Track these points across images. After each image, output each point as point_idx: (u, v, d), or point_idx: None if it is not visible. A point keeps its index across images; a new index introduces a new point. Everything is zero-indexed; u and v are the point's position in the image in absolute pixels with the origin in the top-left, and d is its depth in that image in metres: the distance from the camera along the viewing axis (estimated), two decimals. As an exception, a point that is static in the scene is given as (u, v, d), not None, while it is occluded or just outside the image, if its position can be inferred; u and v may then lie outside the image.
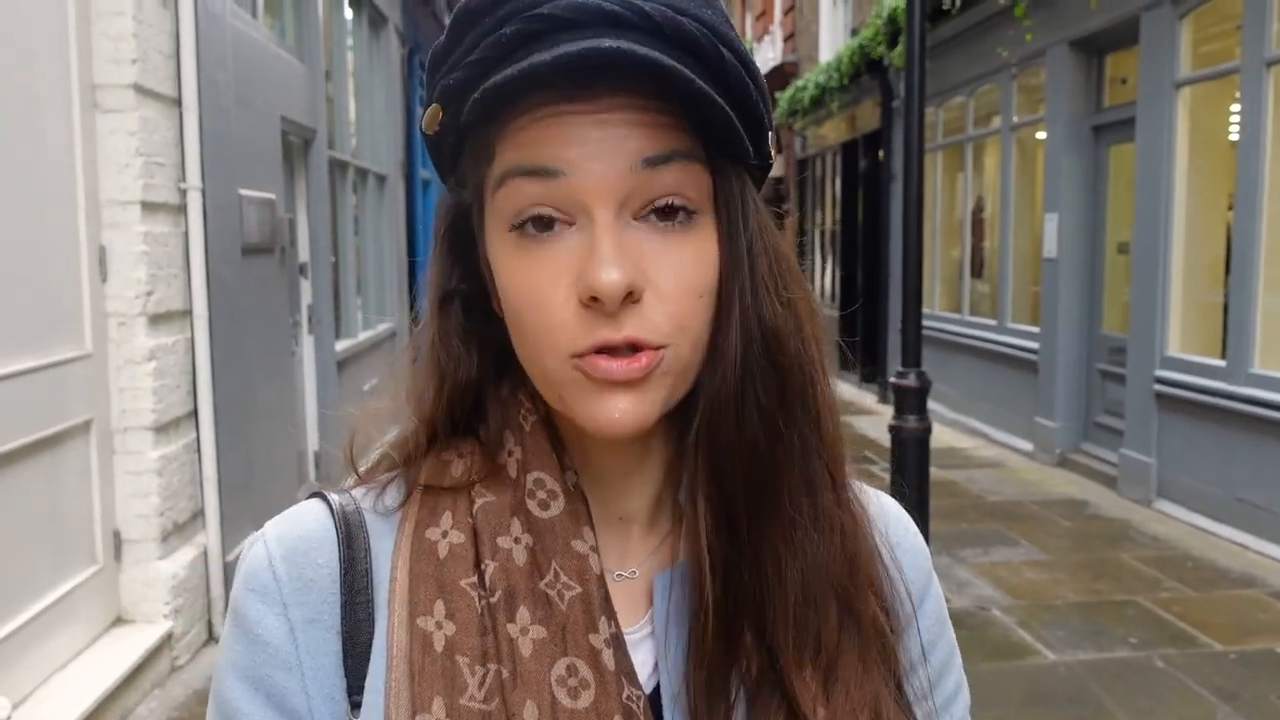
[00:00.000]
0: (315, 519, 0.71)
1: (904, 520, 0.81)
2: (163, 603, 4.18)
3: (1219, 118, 6.72)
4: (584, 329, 0.62)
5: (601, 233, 0.61)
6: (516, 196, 0.63)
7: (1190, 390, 6.41)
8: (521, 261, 0.63)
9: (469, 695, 0.63)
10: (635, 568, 0.72)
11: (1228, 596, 5.10)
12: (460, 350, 0.72)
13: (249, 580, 0.69)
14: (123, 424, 4.12)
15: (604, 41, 0.58)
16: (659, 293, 0.62)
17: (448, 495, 0.70)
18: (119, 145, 4.04)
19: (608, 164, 0.61)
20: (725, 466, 0.66)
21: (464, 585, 0.66)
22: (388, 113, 9.21)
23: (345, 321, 7.82)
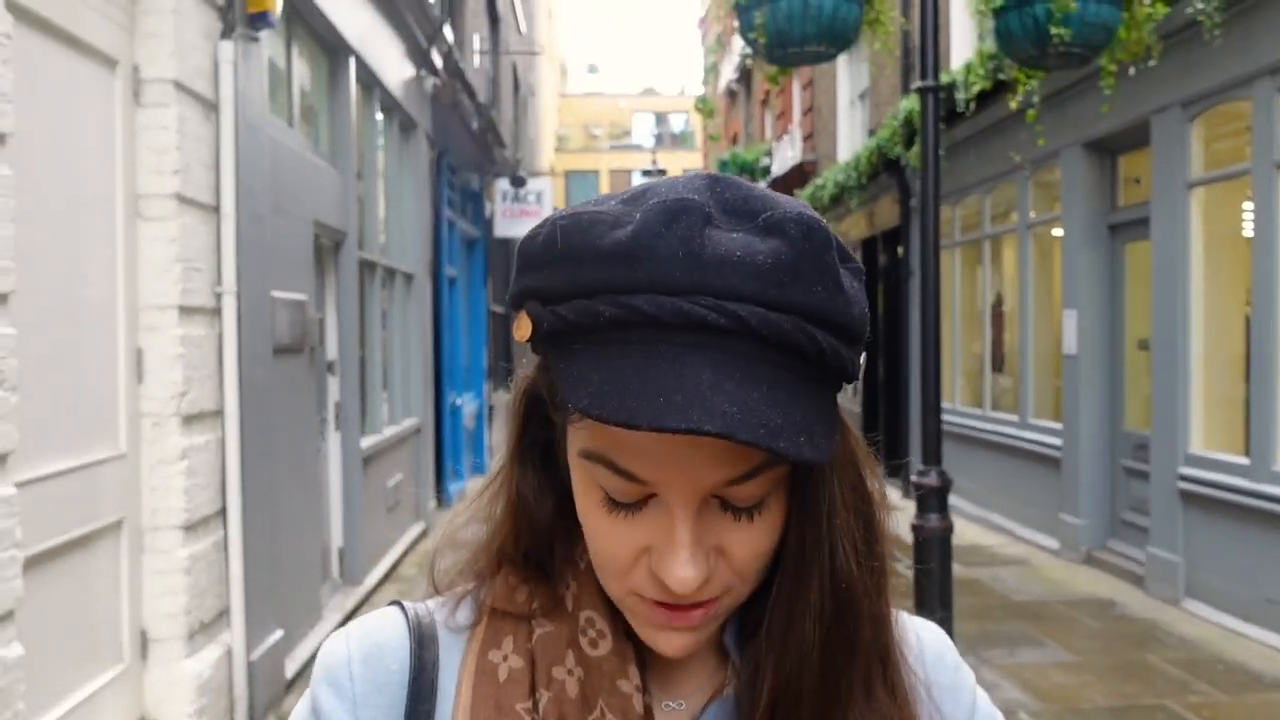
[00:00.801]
0: (393, 627, 0.77)
1: (943, 654, 0.83)
2: (187, 702, 4.19)
3: (1232, 215, 6.80)
4: (649, 585, 0.67)
5: (679, 530, 0.64)
6: (600, 476, 0.66)
7: (1215, 488, 6.38)
8: (604, 522, 0.68)
9: None
10: (684, 699, 0.76)
11: (1260, 701, 5.00)
12: (534, 506, 0.76)
13: (328, 674, 0.75)
14: (153, 523, 4.19)
15: (705, 423, 0.57)
16: (728, 559, 0.67)
17: (510, 620, 0.75)
18: (159, 252, 4.19)
19: (694, 483, 0.64)
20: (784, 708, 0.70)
21: (519, 710, 0.71)
22: (416, 213, 9.45)
23: (371, 417, 7.92)
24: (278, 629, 5.09)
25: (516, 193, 13.82)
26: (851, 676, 0.70)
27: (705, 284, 0.61)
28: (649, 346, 0.61)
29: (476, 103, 11.46)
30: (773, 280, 0.61)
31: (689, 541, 0.64)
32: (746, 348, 0.61)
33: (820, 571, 0.68)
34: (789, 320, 0.61)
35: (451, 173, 11.41)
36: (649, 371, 0.60)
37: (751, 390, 0.60)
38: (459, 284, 12.37)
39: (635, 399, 0.59)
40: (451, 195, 11.54)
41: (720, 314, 0.60)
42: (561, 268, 0.64)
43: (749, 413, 0.58)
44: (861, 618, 0.70)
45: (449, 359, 11.00)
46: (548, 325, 0.66)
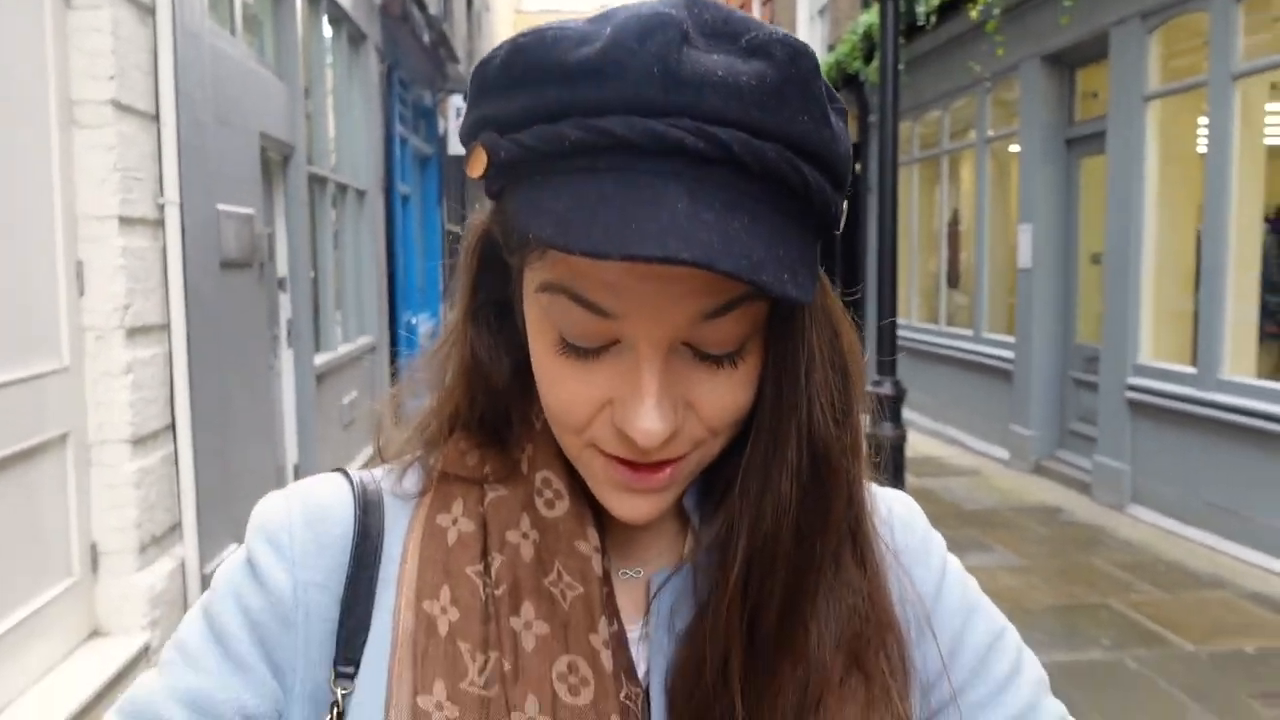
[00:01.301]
0: (337, 490, 0.73)
1: (911, 521, 0.80)
2: (140, 615, 4.18)
3: (1188, 130, 6.82)
4: (611, 438, 0.62)
5: (646, 376, 0.59)
6: (563, 312, 0.61)
7: (1162, 397, 6.50)
8: (560, 368, 0.63)
9: (469, 680, 0.65)
10: (640, 567, 0.73)
11: (1198, 598, 5.16)
12: (489, 367, 0.72)
13: (266, 530, 0.71)
14: (100, 437, 4.13)
15: (681, 252, 0.52)
16: (697, 412, 0.62)
17: (460, 484, 0.71)
18: (96, 160, 4.06)
19: (665, 317, 0.58)
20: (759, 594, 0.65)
21: (469, 573, 0.68)
22: (367, 128, 9.25)
23: (324, 335, 7.83)
24: (232, 543, 5.07)
25: (471, 109, 13.54)
26: (825, 543, 0.67)
27: (683, 105, 0.55)
28: (620, 174, 0.56)
29: (427, 15, 11.17)
30: (756, 103, 0.55)
31: (656, 389, 0.59)
32: (726, 177, 0.56)
33: (798, 428, 0.63)
34: (773, 148, 0.56)
35: (403, 88, 11.16)
36: (620, 199, 0.55)
37: (732, 221, 0.55)
38: (413, 202, 12.19)
39: (604, 227, 0.53)
40: (403, 111, 11.30)
41: (700, 138, 0.55)
42: (522, 90, 0.58)
43: (729, 243, 0.53)
44: (838, 479, 0.66)
45: (404, 278, 10.88)
46: (505, 155, 0.60)
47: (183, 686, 0.68)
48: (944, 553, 0.80)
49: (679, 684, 0.67)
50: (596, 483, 0.66)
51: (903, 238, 9.72)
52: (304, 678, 0.69)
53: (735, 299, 0.59)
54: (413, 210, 12.21)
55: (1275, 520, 5.55)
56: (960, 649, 0.75)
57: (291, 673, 0.69)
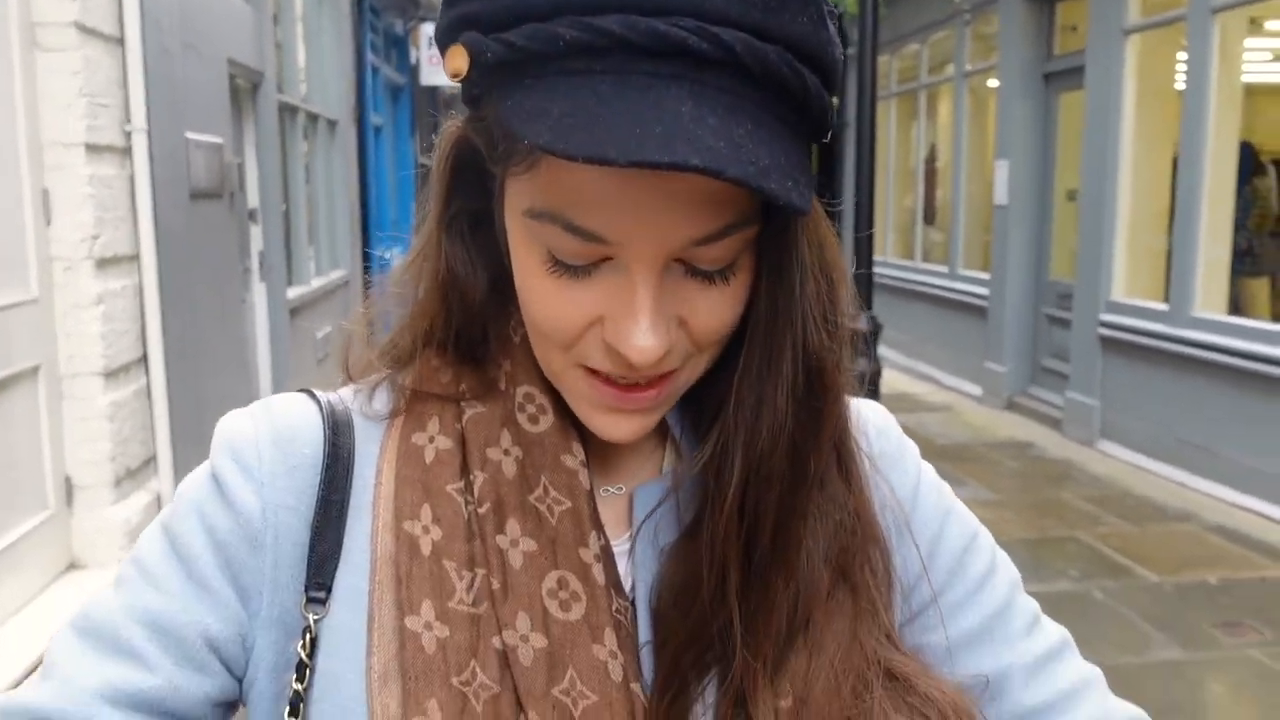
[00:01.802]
0: (305, 410, 0.71)
1: (884, 427, 0.79)
2: (116, 548, 4.17)
3: (1166, 66, 6.80)
4: (600, 355, 0.61)
5: (640, 294, 0.58)
6: (553, 237, 0.58)
7: (1134, 334, 6.56)
8: (548, 286, 0.60)
9: (457, 599, 0.63)
10: (621, 483, 0.72)
11: (1164, 531, 5.27)
12: (466, 280, 0.69)
13: (232, 449, 0.68)
14: (71, 369, 4.08)
15: (691, 157, 0.50)
16: (688, 329, 0.61)
17: (435, 402, 0.69)
18: (61, 85, 3.95)
19: (659, 241, 0.57)
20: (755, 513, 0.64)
21: (450, 491, 0.66)
22: (338, 57, 9.06)
23: (297, 269, 7.75)
24: (208, 477, 5.05)
25: (443, 39, 13.28)
26: (818, 460, 0.65)
27: (684, 4, 0.53)
28: (618, 76, 0.53)
29: (399, -61, 10.89)
30: (758, 4, 0.53)
31: (650, 308, 0.58)
32: (728, 81, 0.54)
33: (792, 340, 0.62)
34: (775, 51, 0.54)
35: (374, 15, 10.91)
36: (620, 102, 0.52)
37: (735, 126, 0.53)
38: (385, 133, 12.01)
39: (606, 130, 0.51)
40: (375, 39, 11.06)
41: (703, 39, 0.52)
42: None
43: (736, 149, 0.51)
44: (831, 393, 0.65)
45: (376, 210, 10.74)
46: (492, 57, 0.56)
47: (141, 605, 0.65)
48: (918, 459, 0.80)
49: (670, 599, 0.66)
50: (580, 402, 0.64)
51: (879, 174, 9.68)
52: (271, 601, 0.66)
53: (732, 224, 0.57)
54: (385, 142, 12.02)
55: (1242, 455, 5.65)
56: (937, 551, 0.75)
57: (258, 596, 0.66)
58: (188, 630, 0.65)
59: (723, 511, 0.64)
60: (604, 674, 0.63)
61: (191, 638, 0.65)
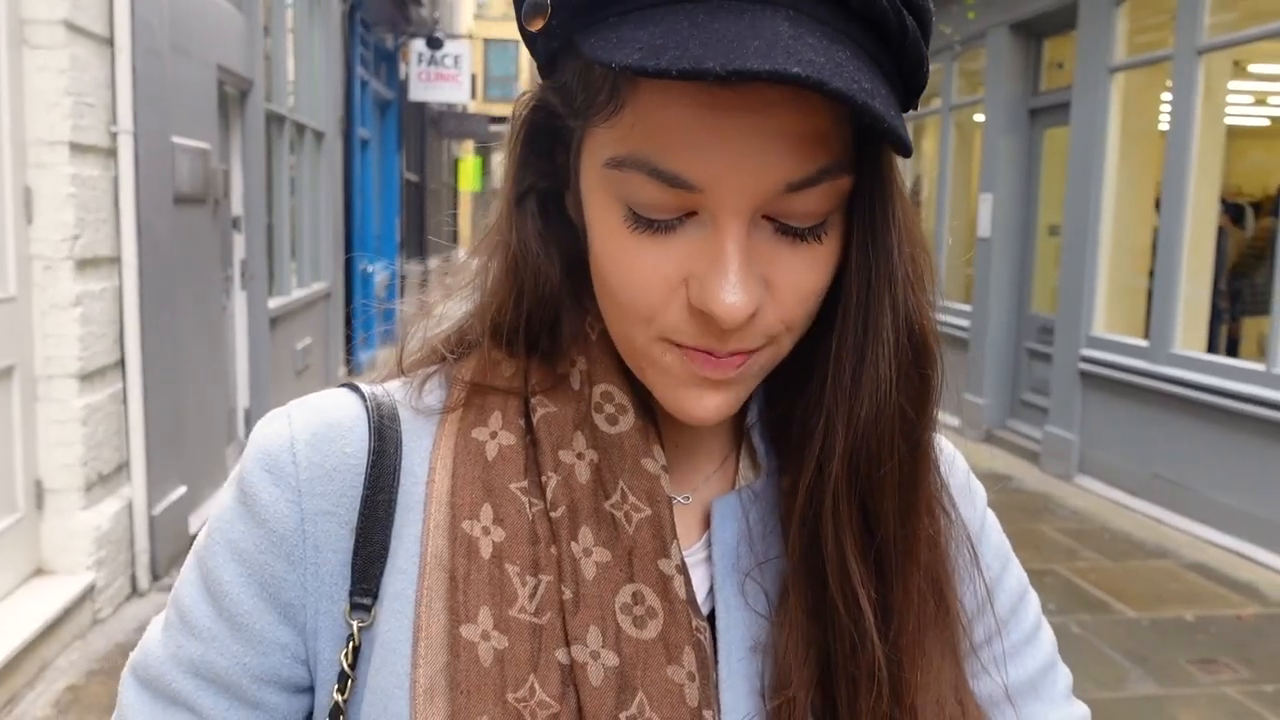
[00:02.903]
0: (347, 406, 0.66)
1: (953, 459, 0.76)
2: (85, 555, 4.09)
3: (1151, 105, 6.88)
4: (685, 325, 0.57)
5: (729, 247, 0.54)
6: (637, 189, 0.55)
7: (1113, 369, 6.59)
8: (628, 245, 0.56)
9: (519, 607, 0.59)
10: (690, 494, 0.67)
11: (1142, 567, 5.27)
12: (542, 260, 0.64)
13: (265, 458, 0.64)
14: (47, 371, 4.01)
15: (791, 65, 0.47)
16: (775, 299, 0.57)
17: (498, 396, 0.64)
18: (47, 83, 3.91)
19: (749, 185, 0.53)
20: (874, 504, 0.61)
21: (514, 489, 0.61)
22: (327, 70, 9.03)
23: (279, 279, 7.68)
24: (181, 486, 4.98)
25: (433, 55, 13.29)
26: (926, 433, 0.61)
27: None
28: (710, 3, 0.51)
29: (392, -45, 10.92)
30: None
31: (739, 261, 0.54)
32: (826, 13, 0.52)
33: (892, 303, 0.58)
34: None
35: (365, 29, 10.92)
36: (713, 24, 0.49)
37: (835, 51, 0.50)
38: (372, 147, 11.99)
39: (701, 47, 0.48)
40: (365, 53, 11.07)
41: None
42: None
43: (838, 67, 0.49)
44: (933, 359, 0.61)
45: (360, 224, 10.70)
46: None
47: (184, 655, 0.64)
48: (985, 498, 0.78)
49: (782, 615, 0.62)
50: (665, 379, 0.59)
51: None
52: (316, 611, 0.63)
53: (826, 168, 0.54)
54: (371, 155, 12.00)
55: (1219, 494, 5.67)
56: (998, 592, 0.72)
57: (303, 609, 0.63)
58: (231, 674, 0.63)
59: (833, 499, 0.60)
60: (678, 698, 0.58)
61: (236, 679, 0.63)
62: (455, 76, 13.26)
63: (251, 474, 0.64)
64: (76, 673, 3.73)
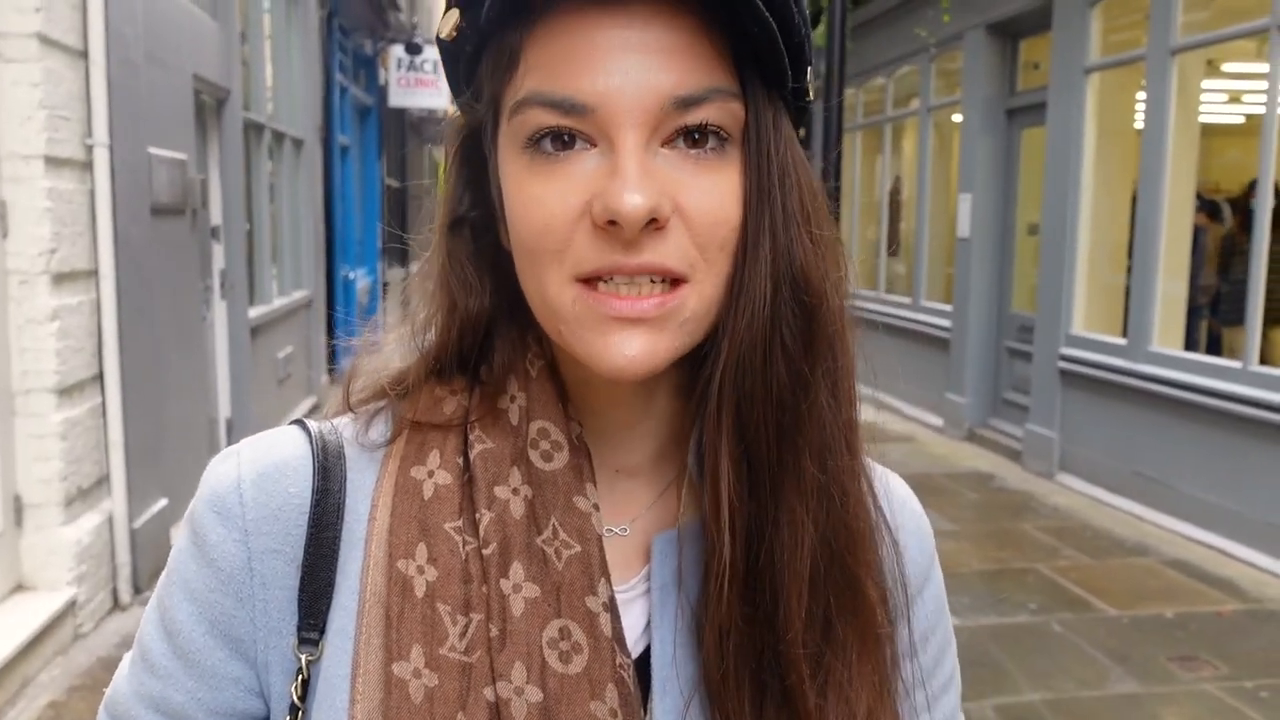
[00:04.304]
0: (293, 445, 0.68)
1: (909, 501, 0.78)
2: (66, 570, 4.07)
3: (1126, 105, 6.93)
4: (594, 250, 0.58)
5: (626, 155, 0.56)
6: (536, 123, 0.58)
7: (1093, 367, 6.64)
8: (533, 178, 0.59)
9: (449, 645, 0.60)
10: (627, 524, 0.68)
11: (1122, 565, 5.31)
12: (472, 278, 0.67)
13: (214, 501, 0.66)
14: (24, 385, 3.99)
15: None
16: (685, 219, 0.58)
17: (437, 433, 0.66)
18: (21, 97, 3.89)
19: (638, 100, 0.56)
20: (749, 418, 0.61)
21: (448, 529, 0.63)
22: (305, 76, 9.01)
23: (259, 288, 7.66)
24: (162, 498, 4.96)
25: (413, 60, 13.25)
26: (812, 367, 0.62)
27: None
28: None
29: (370, -39, 10.89)
30: None
31: (636, 164, 0.56)
32: None
33: (771, 229, 0.60)
34: None
35: (343, 35, 10.88)
36: None
37: None
38: (352, 154, 11.95)
39: None
40: (343, 59, 11.03)
41: None
42: None
43: None
44: (816, 296, 0.62)
45: (341, 231, 10.67)
46: None
47: (145, 691, 0.67)
48: (934, 549, 0.79)
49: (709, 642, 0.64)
50: (581, 330, 0.60)
51: (844, 205, 9.78)
52: (266, 645, 0.65)
53: (713, 88, 0.58)
54: (352, 162, 11.97)
55: (1199, 490, 5.72)
56: (928, 643, 0.75)
57: (253, 644, 0.65)
58: (187, 708, 0.66)
59: (715, 409, 0.62)
60: None
61: (192, 713, 0.66)
62: (434, 82, 13.22)
63: (201, 516, 0.66)
64: (58, 689, 3.71)
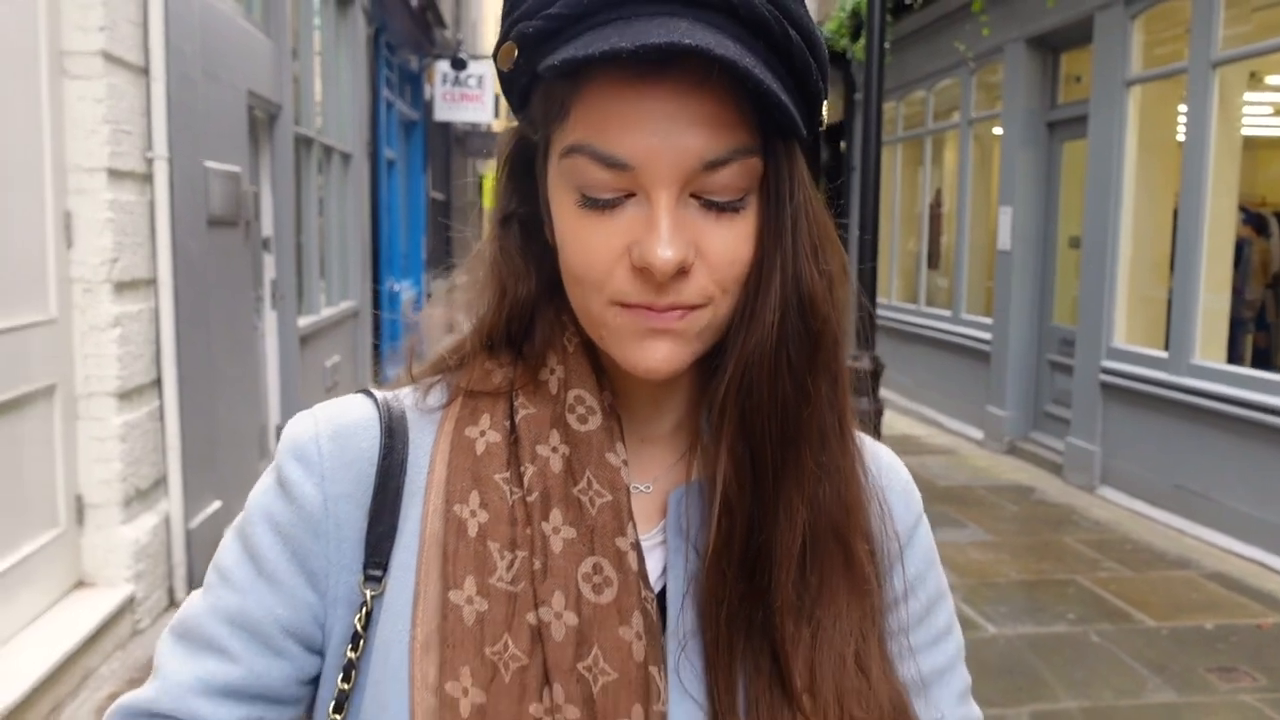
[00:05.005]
0: (362, 408, 0.78)
1: (895, 466, 0.88)
2: (124, 568, 4.21)
3: (1167, 117, 6.91)
4: (632, 287, 0.68)
5: (661, 213, 0.67)
6: (584, 172, 0.68)
7: (1134, 380, 6.61)
8: (581, 224, 0.69)
9: (498, 576, 0.70)
10: (650, 483, 0.79)
11: (1163, 577, 5.29)
12: (521, 267, 0.78)
13: (295, 448, 0.76)
14: (87, 390, 4.14)
15: (685, 38, 0.61)
16: (706, 263, 0.68)
17: (487, 400, 0.77)
18: (86, 112, 4.05)
19: (673, 161, 0.66)
20: (754, 422, 0.71)
21: (497, 480, 0.73)
22: (353, 92, 9.20)
23: (308, 298, 7.83)
24: (216, 500, 5.11)
25: (457, 76, 13.47)
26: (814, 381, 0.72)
27: None
28: (630, 20, 0.65)
29: (416, -22, 11.10)
30: None
31: (668, 223, 0.66)
32: (721, 20, 0.66)
33: (782, 265, 0.70)
34: (762, 3, 0.66)
35: (390, 51, 11.09)
36: (629, 27, 0.64)
37: (726, 40, 0.65)
38: (398, 168, 12.15)
39: (619, 36, 0.63)
40: (390, 75, 11.24)
41: None
42: None
43: (726, 47, 0.63)
44: (820, 318, 0.72)
45: (387, 243, 10.85)
46: (533, 30, 0.68)
47: (222, 605, 0.75)
48: (921, 506, 0.88)
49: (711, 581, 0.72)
50: (617, 338, 0.71)
51: (884, 218, 9.79)
52: (336, 581, 0.74)
53: (737, 149, 0.67)
54: (397, 176, 12.17)
55: (1241, 504, 5.68)
56: (916, 592, 0.82)
57: (325, 578, 0.74)
58: (263, 623, 0.74)
59: (720, 412, 0.72)
60: (627, 654, 0.69)
61: (267, 628, 0.74)
62: (479, 97, 13.42)
63: (284, 463, 0.77)
64: (118, 681, 3.84)
